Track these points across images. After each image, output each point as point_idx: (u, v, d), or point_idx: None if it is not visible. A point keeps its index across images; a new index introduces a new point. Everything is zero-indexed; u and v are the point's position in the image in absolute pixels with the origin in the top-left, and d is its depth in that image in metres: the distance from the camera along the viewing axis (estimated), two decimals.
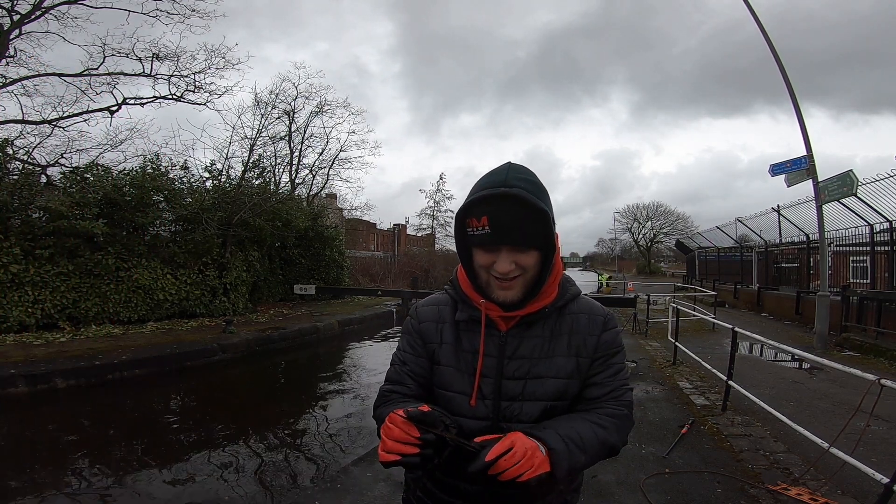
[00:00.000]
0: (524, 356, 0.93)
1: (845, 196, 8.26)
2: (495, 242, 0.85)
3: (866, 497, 2.81)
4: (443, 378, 0.97)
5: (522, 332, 0.94)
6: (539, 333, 0.94)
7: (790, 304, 11.70)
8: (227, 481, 3.88)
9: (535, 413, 0.92)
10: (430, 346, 1.00)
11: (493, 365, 0.93)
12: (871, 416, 2.71)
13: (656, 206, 51.58)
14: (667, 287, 21.95)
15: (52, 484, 3.81)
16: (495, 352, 0.93)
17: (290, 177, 20.05)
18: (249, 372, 8.15)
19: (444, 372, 0.97)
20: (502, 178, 0.85)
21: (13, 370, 5.98)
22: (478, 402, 0.92)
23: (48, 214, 8.87)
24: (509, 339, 0.94)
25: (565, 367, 0.93)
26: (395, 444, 0.76)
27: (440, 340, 0.99)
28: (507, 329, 0.95)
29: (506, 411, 0.92)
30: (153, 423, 5.48)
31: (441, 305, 1.02)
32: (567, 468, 0.81)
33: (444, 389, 0.96)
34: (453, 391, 0.95)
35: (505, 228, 0.83)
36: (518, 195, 0.82)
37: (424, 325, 1.02)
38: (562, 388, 0.93)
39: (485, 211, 0.83)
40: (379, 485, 3.11)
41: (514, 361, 0.93)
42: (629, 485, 3.10)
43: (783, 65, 8.17)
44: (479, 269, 0.91)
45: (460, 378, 0.95)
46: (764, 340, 4.44)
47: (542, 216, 0.84)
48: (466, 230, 0.88)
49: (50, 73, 11.38)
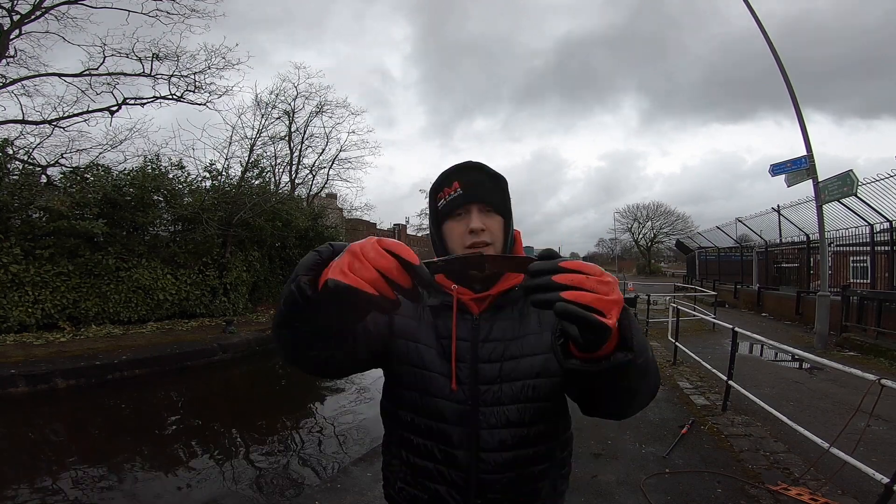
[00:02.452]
0: (497, 338, 0.93)
1: (845, 196, 8.27)
2: (466, 200, 0.94)
3: (866, 497, 2.81)
4: (422, 357, 0.93)
5: (493, 315, 0.95)
6: (509, 315, 0.95)
7: (790, 304, 11.70)
8: (227, 481, 3.88)
9: (516, 393, 0.90)
10: (403, 318, 0.97)
11: (467, 349, 0.92)
12: (872, 416, 2.72)
13: (656, 207, 51.62)
14: (667, 287, 21.95)
15: (51, 484, 3.81)
16: (468, 335, 0.93)
17: (290, 177, 20.04)
18: (250, 372, 8.15)
19: (424, 351, 0.94)
20: (467, 161, 0.99)
21: (13, 370, 5.97)
22: (457, 387, 0.91)
23: (48, 214, 8.86)
24: (482, 323, 0.94)
25: (539, 344, 0.92)
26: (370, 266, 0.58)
27: (420, 318, 0.97)
28: (479, 313, 0.95)
29: (484, 395, 0.90)
30: (153, 423, 5.48)
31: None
32: (634, 325, 0.67)
33: (425, 369, 0.93)
34: (435, 371, 0.92)
35: (474, 187, 0.94)
36: (482, 164, 0.98)
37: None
38: (539, 364, 0.91)
39: (455, 178, 0.95)
40: (379, 485, 3.09)
41: (488, 344, 0.92)
42: (629, 485, 3.10)
43: (784, 66, 8.19)
44: (455, 245, 0.96)
45: (440, 361, 0.93)
46: (764, 340, 4.44)
47: (502, 182, 0.99)
48: (438, 205, 0.97)
49: (50, 73, 11.38)
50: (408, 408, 0.94)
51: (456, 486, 0.90)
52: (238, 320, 10.57)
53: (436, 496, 0.92)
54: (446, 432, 0.90)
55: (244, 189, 12.54)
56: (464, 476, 0.90)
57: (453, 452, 0.90)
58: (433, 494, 0.92)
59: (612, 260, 53.93)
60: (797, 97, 8.23)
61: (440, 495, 0.91)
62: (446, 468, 0.91)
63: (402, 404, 0.95)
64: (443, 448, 0.91)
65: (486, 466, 0.89)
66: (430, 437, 0.92)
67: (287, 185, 19.18)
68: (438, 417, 0.91)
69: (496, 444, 0.89)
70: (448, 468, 0.90)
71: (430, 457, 0.92)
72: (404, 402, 0.95)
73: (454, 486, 0.90)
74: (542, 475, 0.93)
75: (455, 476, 0.90)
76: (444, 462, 0.91)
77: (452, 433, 0.90)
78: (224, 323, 9.59)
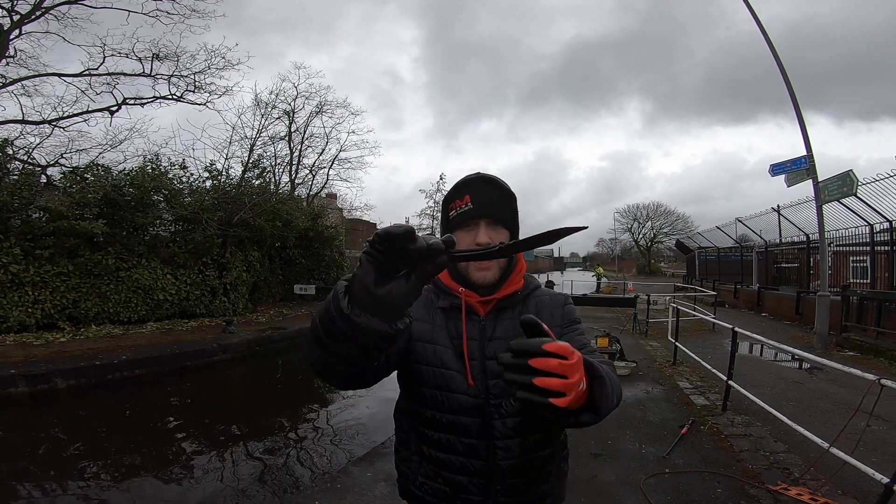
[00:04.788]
0: (501, 337, 1.00)
1: (845, 196, 8.27)
2: (476, 215, 0.99)
3: (866, 497, 2.81)
4: (440, 358, 1.00)
5: (497, 316, 1.03)
6: (510, 316, 1.03)
7: (790, 304, 11.70)
8: (226, 481, 3.88)
9: None
10: (419, 322, 1.03)
11: (476, 347, 1.00)
12: (871, 416, 2.72)
13: (656, 206, 51.58)
14: (667, 287, 21.93)
15: (51, 484, 3.81)
16: (477, 335, 1.01)
17: (290, 177, 20.04)
18: (250, 372, 8.14)
19: (441, 352, 1.00)
20: (478, 173, 1.04)
21: (13, 370, 5.97)
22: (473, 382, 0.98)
23: (48, 214, 8.87)
24: (487, 323, 1.02)
25: None
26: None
27: (433, 321, 1.04)
28: (486, 314, 1.03)
29: (494, 388, 0.97)
30: (153, 423, 5.48)
31: (428, 293, 1.08)
32: (605, 392, 0.72)
33: (444, 368, 0.99)
34: (453, 370, 0.99)
35: (484, 202, 0.99)
36: (494, 178, 1.03)
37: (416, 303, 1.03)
38: None
39: (467, 191, 1.00)
40: (379, 485, 3.11)
41: (493, 342, 1.00)
42: (629, 485, 3.10)
43: (784, 67, 8.19)
44: None
45: (455, 359, 1.00)
46: (764, 340, 4.44)
47: (512, 198, 1.04)
48: (449, 215, 1.02)
49: (50, 73, 11.40)
50: (430, 405, 1.00)
51: (478, 474, 0.98)
52: (238, 320, 10.57)
53: (459, 487, 0.99)
54: (466, 425, 0.97)
55: (244, 189, 12.55)
56: (485, 465, 0.97)
57: (473, 443, 0.97)
58: (456, 485, 0.99)
59: (612, 260, 53.95)
60: (798, 98, 8.23)
61: (463, 485, 0.98)
62: (468, 459, 0.98)
63: (424, 402, 1.01)
64: (464, 440, 0.98)
65: (501, 454, 0.97)
66: (451, 432, 0.99)
67: (287, 185, 19.19)
68: (459, 412, 0.98)
69: (507, 432, 0.97)
70: (470, 459, 0.98)
71: (453, 450, 0.99)
72: (426, 399, 1.01)
73: (476, 475, 0.98)
74: (549, 458, 1.02)
75: (477, 466, 0.97)
76: (466, 454, 0.98)
77: (471, 426, 0.97)
78: (224, 323, 9.59)
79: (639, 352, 7.55)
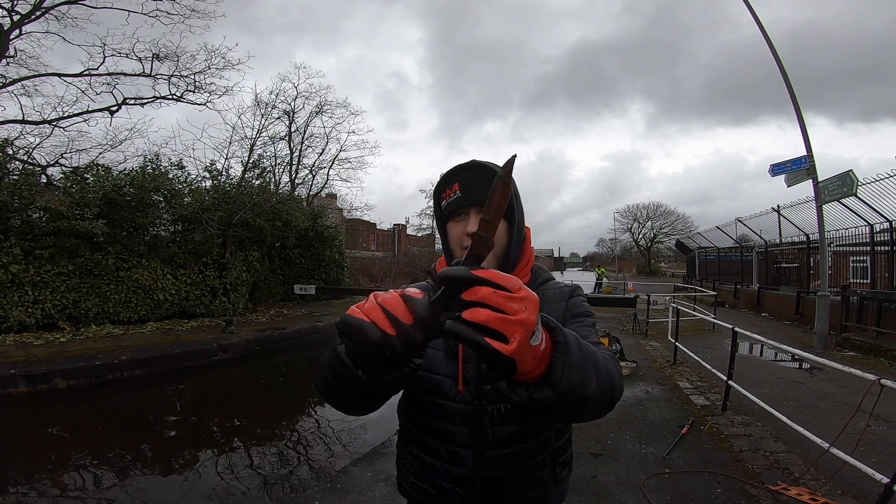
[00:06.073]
0: None
1: (845, 196, 8.26)
2: (465, 203, 0.94)
3: (866, 497, 2.81)
4: (430, 361, 0.95)
5: None
6: None
7: (790, 304, 11.70)
8: (227, 481, 3.88)
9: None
10: None
11: None
12: (871, 416, 2.71)
13: (656, 207, 51.63)
14: (667, 287, 21.94)
15: (52, 484, 3.81)
16: None
17: (290, 177, 20.07)
18: (249, 372, 8.14)
19: (431, 355, 0.95)
20: (470, 160, 0.98)
21: (13, 370, 5.97)
22: (464, 388, 0.92)
23: (48, 214, 8.86)
24: None
25: None
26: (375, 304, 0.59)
27: None
28: None
29: (488, 394, 0.92)
30: (153, 423, 5.48)
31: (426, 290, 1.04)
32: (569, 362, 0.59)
33: (432, 372, 0.95)
34: (441, 374, 0.94)
35: (473, 189, 0.92)
36: (485, 163, 0.95)
37: None
38: None
39: (456, 179, 0.95)
40: (379, 485, 3.11)
41: None
42: (629, 485, 3.10)
43: (784, 67, 8.19)
44: (454, 246, 0.97)
45: (446, 362, 0.94)
46: (764, 340, 4.44)
47: None
48: (441, 206, 0.98)
49: (50, 73, 11.39)
50: (420, 408, 0.99)
51: (460, 482, 0.94)
52: (238, 320, 10.56)
53: (442, 492, 0.96)
54: (451, 432, 0.94)
55: (244, 189, 12.54)
56: (468, 474, 0.93)
57: (458, 451, 0.94)
58: (440, 490, 0.97)
59: (612, 260, 53.91)
60: (798, 99, 8.23)
61: (446, 491, 0.96)
62: (451, 466, 0.95)
63: (416, 404, 1.00)
64: (448, 448, 0.95)
65: (490, 463, 0.93)
66: (437, 437, 0.96)
67: (287, 185, 19.20)
68: (444, 418, 0.94)
69: (499, 441, 0.92)
70: (452, 466, 0.94)
71: (437, 455, 0.96)
72: (418, 402, 0.99)
73: (458, 483, 0.94)
74: (541, 465, 0.97)
75: (458, 473, 0.94)
76: (448, 460, 0.95)
77: (456, 432, 0.94)
78: (224, 323, 9.59)
79: (639, 352, 7.55)
